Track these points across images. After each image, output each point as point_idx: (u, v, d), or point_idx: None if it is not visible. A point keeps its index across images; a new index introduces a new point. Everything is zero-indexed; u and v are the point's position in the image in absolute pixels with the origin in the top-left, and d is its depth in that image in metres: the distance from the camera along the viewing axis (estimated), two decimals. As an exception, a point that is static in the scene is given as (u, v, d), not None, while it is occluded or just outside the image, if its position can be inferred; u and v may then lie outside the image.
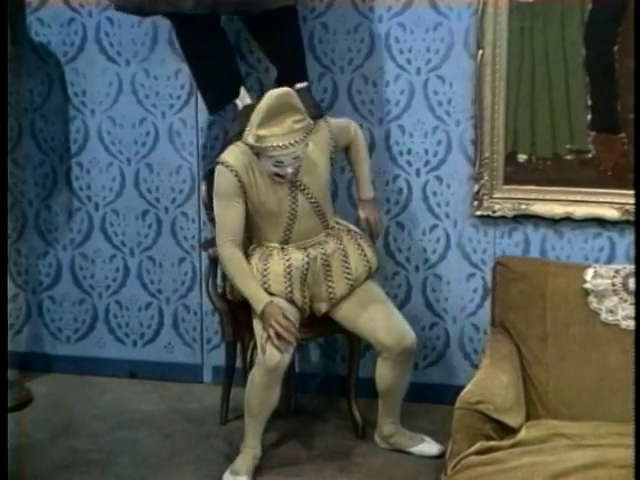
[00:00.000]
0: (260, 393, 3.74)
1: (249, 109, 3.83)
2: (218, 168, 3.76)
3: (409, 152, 4.34)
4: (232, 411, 4.26)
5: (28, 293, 4.90)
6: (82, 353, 4.88)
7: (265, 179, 3.73)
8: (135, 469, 3.90)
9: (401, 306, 4.34)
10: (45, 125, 4.72)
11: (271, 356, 3.64)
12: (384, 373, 3.88)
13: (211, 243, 4.08)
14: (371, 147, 4.34)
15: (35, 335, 4.92)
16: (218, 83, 4.13)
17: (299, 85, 3.95)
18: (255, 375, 3.74)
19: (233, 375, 4.24)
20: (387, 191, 4.38)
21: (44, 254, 4.85)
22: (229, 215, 3.76)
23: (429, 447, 3.97)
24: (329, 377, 4.58)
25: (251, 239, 3.90)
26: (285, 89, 3.63)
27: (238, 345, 4.20)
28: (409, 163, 4.35)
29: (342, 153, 4.07)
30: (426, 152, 4.32)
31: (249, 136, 3.63)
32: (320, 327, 4.03)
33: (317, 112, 3.92)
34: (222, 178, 3.75)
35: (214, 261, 4.07)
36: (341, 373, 4.42)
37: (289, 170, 3.65)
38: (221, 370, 4.35)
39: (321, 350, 4.58)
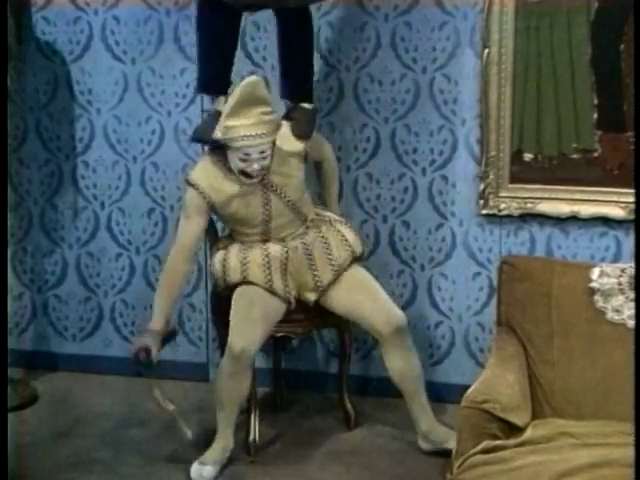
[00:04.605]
0: (228, 382, 3.77)
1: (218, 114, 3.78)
2: (184, 184, 3.85)
3: (415, 151, 4.34)
4: (237, 410, 4.26)
5: (34, 292, 4.90)
6: (87, 351, 4.88)
7: (235, 188, 3.76)
8: (140, 468, 3.90)
9: (407, 305, 4.34)
10: (51, 124, 4.73)
11: (235, 342, 3.67)
12: (391, 362, 3.89)
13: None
14: (376, 146, 4.35)
15: (40, 333, 4.92)
16: (222, 68, 3.92)
17: (306, 105, 3.94)
18: (224, 364, 3.78)
19: (238, 374, 4.24)
20: (393, 190, 4.38)
21: (50, 253, 4.85)
22: (186, 231, 3.83)
23: None
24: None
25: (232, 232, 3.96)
26: (255, 78, 3.63)
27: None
28: (415, 162, 4.35)
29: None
30: (432, 151, 4.32)
31: (218, 131, 3.64)
32: (313, 321, 4.06)
33: (308, 133, 3.91)
34: (186, 194, 3.83)
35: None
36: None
37: (255, 166, 3.67)
38: (226, 369, 4.35)
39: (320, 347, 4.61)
